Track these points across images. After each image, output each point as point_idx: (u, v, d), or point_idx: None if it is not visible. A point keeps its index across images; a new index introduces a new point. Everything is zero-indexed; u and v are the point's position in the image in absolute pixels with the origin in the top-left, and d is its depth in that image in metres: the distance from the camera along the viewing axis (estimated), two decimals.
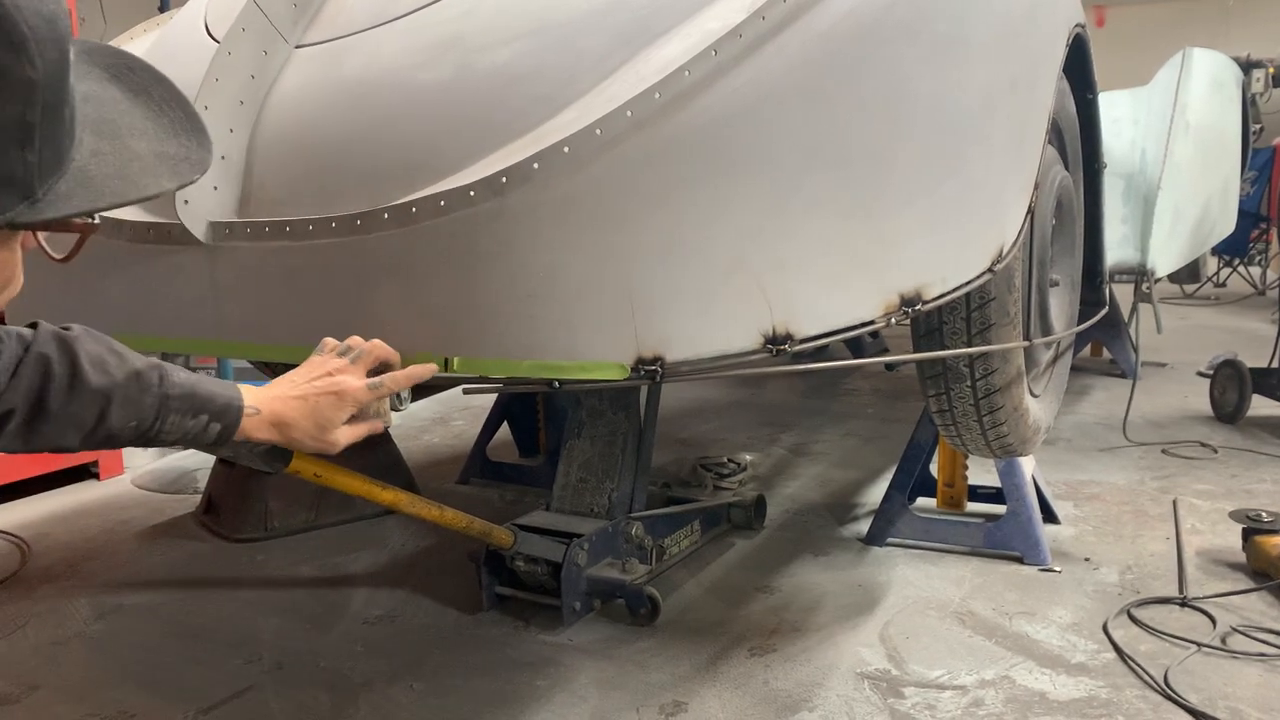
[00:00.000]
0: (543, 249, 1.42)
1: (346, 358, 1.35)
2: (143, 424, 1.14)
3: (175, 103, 0.76)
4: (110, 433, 1.12)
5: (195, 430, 1.19)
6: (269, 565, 2.82)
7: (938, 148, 1.65)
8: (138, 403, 1.13)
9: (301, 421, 1.28)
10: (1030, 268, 2.25)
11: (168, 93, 0.76)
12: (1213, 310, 7.97)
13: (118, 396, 1.11)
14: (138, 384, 1.13)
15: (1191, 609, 2.31)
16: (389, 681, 2.10)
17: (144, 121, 0.72)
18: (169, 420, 1.15)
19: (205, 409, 1.19)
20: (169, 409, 1.15)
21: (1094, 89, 2.71)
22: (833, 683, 2.03)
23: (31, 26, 0.58)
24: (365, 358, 1.36)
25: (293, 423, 1.27)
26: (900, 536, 2.77)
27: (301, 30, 1.72)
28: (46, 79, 0.60)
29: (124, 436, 1.14)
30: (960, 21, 1.69)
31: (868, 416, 4.45)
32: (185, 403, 1.17)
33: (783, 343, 1.50)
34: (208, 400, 1.19)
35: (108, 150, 0.67)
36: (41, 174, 0.62)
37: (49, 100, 0.61)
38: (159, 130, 0.73)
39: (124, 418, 1.12)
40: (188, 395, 1.17)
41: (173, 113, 0.75)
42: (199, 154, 0.74)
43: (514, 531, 2.30)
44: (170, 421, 1.16)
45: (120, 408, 1.11)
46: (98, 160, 0.66)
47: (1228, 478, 3.34)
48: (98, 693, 2.09)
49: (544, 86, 1.45)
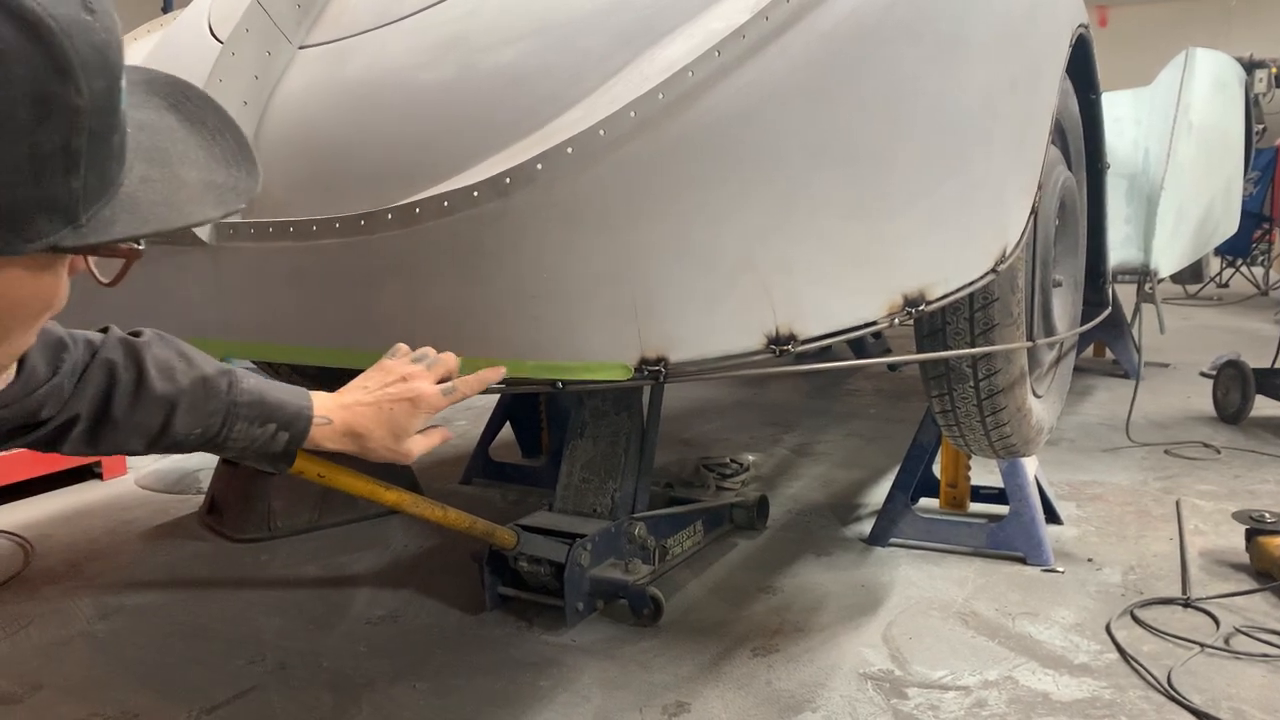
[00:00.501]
0: (546, 249, 1.42)
1: (421, 364, 1.32)
2: (208, 431, 1.12)
3: (228, 131, 0.76)
4: (175, 439, 1.11)
5: (263, 439, 1.17)
6: (272, 565, 2.82)
7: (941, 148, 1.65)
8: (203, 410, 1.11)
9: (376, 430, 1.25)
10: (1033, 268, 2.25)
11: (221, 121, 0.77)
12: (1215, 310, 7.97)
13: (183, 403, 1.10)
14: (204, 390, 1.12)
15: (1195, 610, 2.31)
16: (392, 681, 2.10)
17: (196, 150, 0.73)
18: (236, 428, 1.14)
19: (273, 417, 1.16)
20: (236, 416, 1.13)
21: (1097, 89, 2.71)
22: (836, 683, 2.03)
23: (80, 54, 0.58)
24: (438, 366, 1.33)
25: (367, 432, 1.24)
26: (903, 537, 2.77)
27: (305, 31, 1.72)
28: (93, 107, 0.60)
29: (190, 443, 1.13)
30: (962, 22, 1.69)
31: (870, 417, 4.45)
32: (253, 410, 1.15)
33: (786, 343, 1.50)
34: (276, 408, 1.17)
35: (157, 177, 0.68)
36: (86, 200, 0.62)
37: (95, 127, 0.61)
38: (210, 159, 0.73)
39: (189, 425, 1.11)
40: (255, 403, 1.15)
41: (225, 141, 0.75)
42: (246, 183, 0.74)
43: (517, 532, 2.30)
44: (237, 429, 1.14)
45: (185, 415, 1.10)
46: (146, 187, 0.66)
47: (1231, 478, 3.34)
48: (101, 692, 2.10)
49: (547, 87, 1.45)
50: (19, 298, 0.65)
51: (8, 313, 0.65)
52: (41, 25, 0.56)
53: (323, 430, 1.22)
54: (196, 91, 0.78)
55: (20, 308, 0.66)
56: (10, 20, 0.55)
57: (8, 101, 0.56)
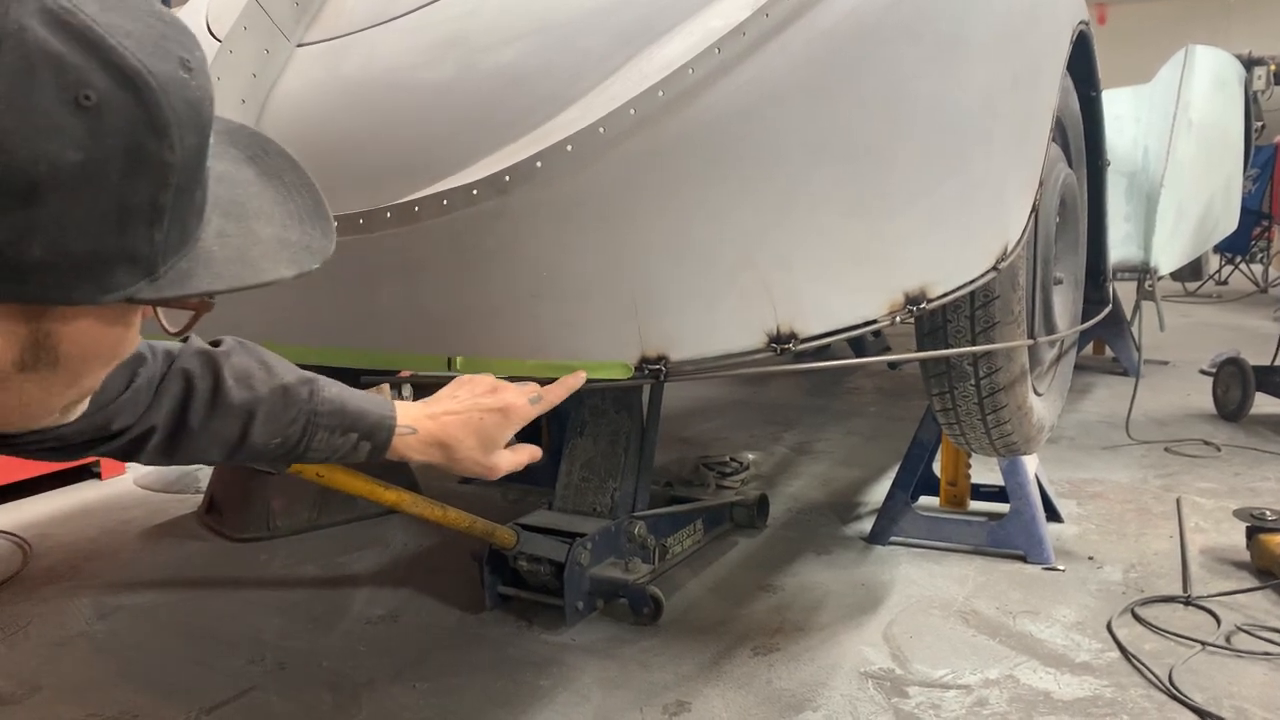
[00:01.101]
0: (546, 248, 1.42)
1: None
2: (288, 441, 1.11)
3: (305, 189, 0.76)
4: (254, 449, 1.09)
5: (344, 449, 1.15)
6: (271, 565, 2.82)
7: (941, 146, 1.65)
8: (283, 419, 1.10)
9: (466, 440, 1.22)
10: (1034, 266, 2.25)
11: (299, 179, 0.77)
12: (1215, 308, 7.97)
13: (261, 412, 1.08)
14: (284, 399, 1.10)
15: (1196, 608, 2.30)
16: (391, 681, 2.10)
17: (272, 206, 0.73)
18: (316, 437, 1.12)
19: (355, 427, 1.14)
20: (317, 426, 1.11)
21: (1097, 86, 2.70)
22: (836, 682, 2.02)
23: (176, 112, 0.59)
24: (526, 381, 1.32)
25: (456, 442, 1.22)
26: (903, 535, 2.77)
27: (303, 29, 1.71)
28: (183, 163, 0.61)
29: (269, 453, 1.11)
30: (963, 20, 1.68)
31: (870, 415, 4.45)
32: (334, 419, 1.12)
33: (787, 342, 1.50)
34: (358, 417, 1.15)
35: (233, 233, 0.68)
36: (166, 253, 0.62)
37: (182, 183, 0.61)
38: (285, 216, 0.73)
39: (268, 434, 1.09)
40: (336, 411, 1.13)
41: (301, 199, 0.75)
42: (321, 243, 0.74)
43: (516, 531, 2.29)
44: (318, 439, 1.12)
45: (264, 424, 1.08)
46: (222, 242, 0.67)
47: (1231, 476, 3.34)
48: (100, 693, 2.09)
49: (547, 85, 1.45)
50: (91, 346, 0.66)
51: (79, 360, 0.66)
52: (141, 80, 0.57)
53: (407, 440, 1.19)
54: (275, 146, 0.78)
55: (92, 356, 0.67)
56: (112, 74, 0.56)
57: (102, 154, 0.56)
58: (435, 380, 1.44)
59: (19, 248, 0.55)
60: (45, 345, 0.62)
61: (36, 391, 0.65)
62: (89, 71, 0.55)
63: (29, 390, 0.65)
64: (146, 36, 0.58)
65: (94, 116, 0.55)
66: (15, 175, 0.54)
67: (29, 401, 0.66)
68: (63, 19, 0.55)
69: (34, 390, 0.65)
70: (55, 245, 0.56)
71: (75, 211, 0.56)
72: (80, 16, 0.55)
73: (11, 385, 0.63)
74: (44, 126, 0.54)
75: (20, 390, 0.64)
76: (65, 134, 0.55)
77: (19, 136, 0.54)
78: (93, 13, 0.56)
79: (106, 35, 0.56)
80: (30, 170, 0.54)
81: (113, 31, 0.56)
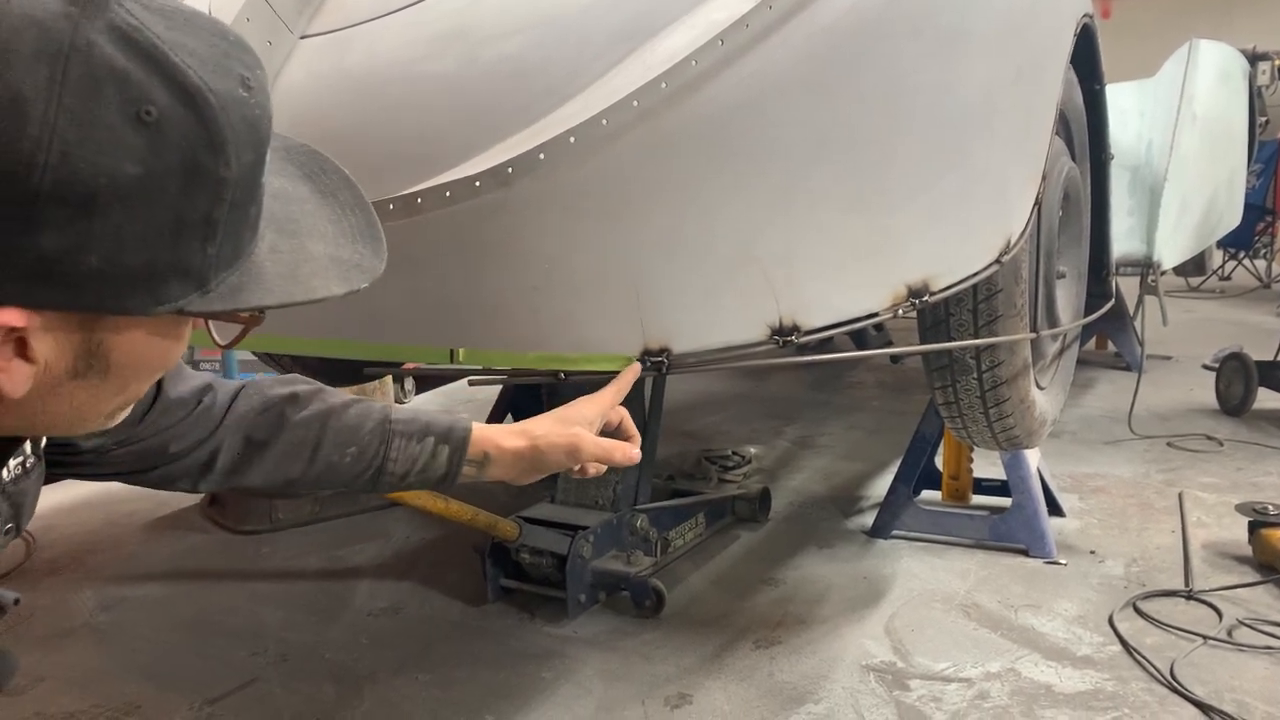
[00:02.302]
0: (549, 240, 1.42)
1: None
2: (364, 450, 1.09)
3: (359, 208, 0.77)
4: (329, 461, 1.08)
5: (423, 457, 1.12)
6: (274, 557, 2.82)
7: (944, 140, 1.65)
8: (358, 429, 1.09)
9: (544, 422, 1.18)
10: (1037, 259, 2.24)
11: (354, 197, 0.77)
12: (1218, 303, 7.96)
13: (333, 420, 1.08)
14: (356, 408, 1.10)
15: (1197, 602, 2.30)
16: (394, 673, 2.10)
17: (326, 224, 0.74)
18: (393, 445, 1.10)
19: (430, 431, 1.12)
20: (392, 433, 1.10)
21: (1101, 80, 2.69)
22: (838, 675, 2.03)
23: (234, 129, 0.60)
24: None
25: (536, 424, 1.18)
26: (905, 529, 2.77)
27: (306, 20, 1.71)
28: (239, 180, 0.62)
29: (344, 468, 1.09)
30: (965, 14, 1.68)
31: (872, 409, 4.45)
32: (409, 426, 1.11)
33: (789, 334, 1.50)
34: (431, 423, 1.13)
35: (285, 249, 0.69)
36: (218, 266, 0.63)
37: (237, 199, 0.62)
38: (338, 234, 0.74)
39: (342, 442, 1.08)
40: (410, 420, 1.12)
41: (354, 218, 0.76)
42: (371, 262, 0.74)
43: (519, 524, 2.30)
44: (395, 447, 1.10)
45: (337, 431, 1.08)
46: (274, 258, 0.68)
47: (1233, 471, 3.33)
48: (104, 684, 2.10)
49: (550, 77, 1.45)
50: (141, 356, 0.67)
51: (129, 368, 0.66)
52: (201, 98, 0.59)
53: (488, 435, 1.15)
54: (332, 165, 0.79)
55: (142, 366, 0.68)
56: (173, 90, 0.57)
57: (161, 169, 0.58)
58: (438, 373, 1.44)
59: (77, 258, 0.57)
60: (98, 354, 0.64)
61: (86, 398, 0.66)
62: (151, 88, 0.57)
63: (79, 396, 0.66)
64: (210, 55, 0.60)
65: (154, 132, 0.57)
66: (76, 187, 0.55)
67: (79, 407, 0.67)
68: (130, 36, 0.56)
69: (83, 396, 0.66)
70: (111, 256, 0.58)
71: (132, 224, 0.57)
72: (147, 34, 0.57)
73: (63, 392, 0.64)
74: (106, 141, 0.55)
75: (71, 396, 0.65)
76: (126, 148, 0.56)
77: (82, 150, 0.55)
78: (159, 30, 0.58)
79: (170, 53, 0.58)
80: (91, 183, 0.55)
81: (177, 49, 0.58)
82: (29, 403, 0.63)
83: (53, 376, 0.62)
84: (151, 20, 0.58)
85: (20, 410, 0.64)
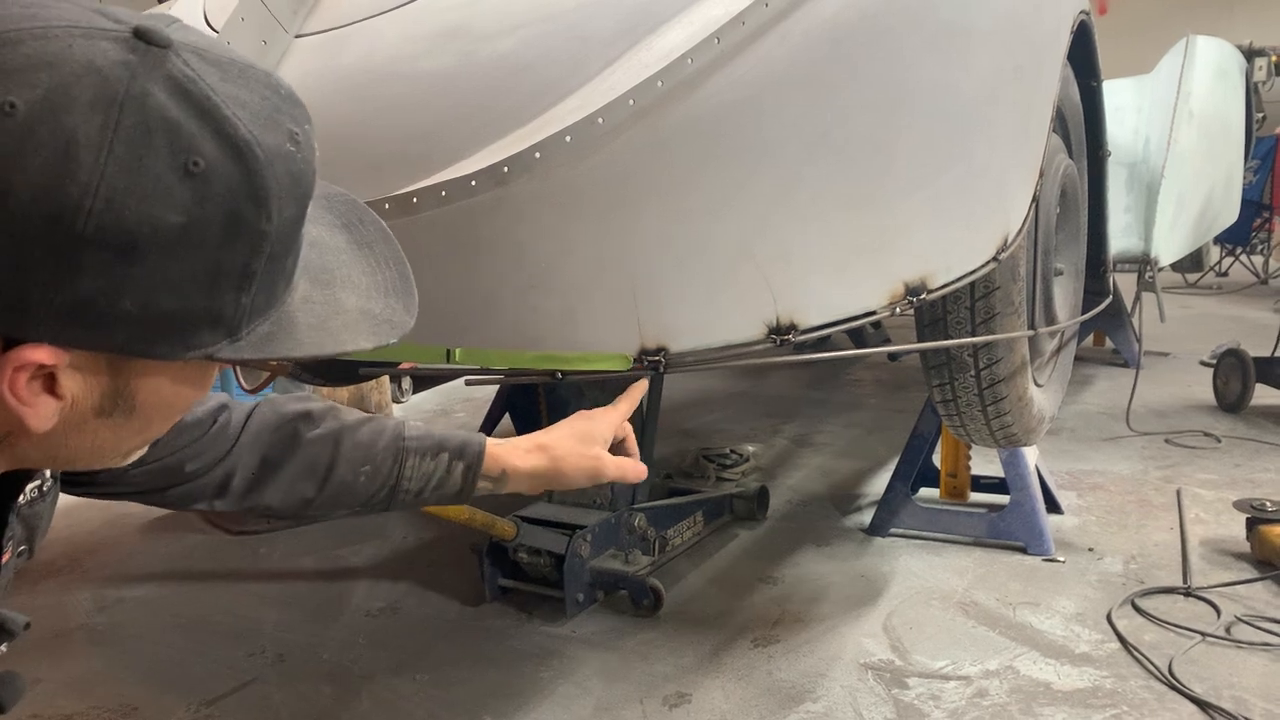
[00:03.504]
0: (545, 239, 1.41)
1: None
2: (379, 469, 1.08)
3: (394, 262, 0.77)
4: (343, 480, 1.07)
5: (438, 473, 1.11)
6: (271, 558, 2.82)
7: (941, 136, 1.64)
8: (370, 447, 1.08)
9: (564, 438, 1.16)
10: (1035, 256, 2.24)
11: (390, 250, 0.77)
12: (1215, 299, 7.96)
13: (348, 439, 1.07)
14: (370, 425, 1.09)
15: (1196, 599, 2.30)
16: (392, 673, 2.10)
17: (360, 275, 0.73)
18: (408, 464, 1.09)
19: (444, 447, 1.11)
20: (406, 451, 1.09)
21: (1098, 76, 2.69)
22: (836, 673, 2.03)
23: (279, 183, 0.61)
24: None
25: (555, 442, 1.16)
26: (903, 527, 2.77)
27: (301, 20, 1.70)
28: (279, 233, 0.62)
29: (359, 485, 1.08)
30: (963, 9, 1.68)
31: (870, 407, 4.45)
32: (422, 443, 1.10)
33: (786, 333, 1.50)
34: (444, 439, 1.12)
35: (318, 300, 0.69)
36: (251, 315, 0.63)
37: (276, 251, 0.63)
38: (371, 286, 0.73)
39: (356, 460, 1.07)
40: (423, 436, 1.11)
41: (388, 271, 0.76)
42: (402, 318, 0.73)
43: (517, 523, 2.29)
44: (409, 465, 1.09)
45: (351, 450, 1.07)
46: (305, 308, 0.68)
47: (1231, 467, 3.34)
48: (101, 685, 2.09)
49: (546, 75, 1.44)
50: (167, 399, 0.67)
51: (154, 410, 0.67)
52: (249, 151, 0.59)
53: (503, 451, 1.14)
54: (371, 216, 0.79)
55: (167, 408, 0.68)
56: (221, 142, 0.58)
57: (204, 219, 0.58)
58: (435, 373, 1.43)
59: (112, 301, 0.57)
60: (124, 394, 0.64)
61: (109, 435, 0.67)
62: (201, 139, 0.57)
63: (102, 434, 0.66)
64: (261, 109, 0.60)
65: (200, 183, 0.57)
66: (120, 234, 0.55)
67: (100, 444, 0.67)
68: (184, 87, 0.57)
69: (106, 434, 0.66)
70: (146, 302, 0.58)
71: (170, 271, 0.58)
72: (201, 85, 0.57)
73: (88, 429, 0.65)
74: (152, 190, 0.56)
75: (95, 434, 0.66)
76: (171, 198, 0.56)
77: (128, 197, 0.55)
78: (213, 82, 0.58)
79: (222, 105, 0.58)
80: (134, 230, 0.55)
81: (228, 102, 0.58)
82: (52, 437, 0.63)
83: (79, 414, 0.63)
84: (207, 71, 0.58)
85: (43, 444, 0.64)
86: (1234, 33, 4.96)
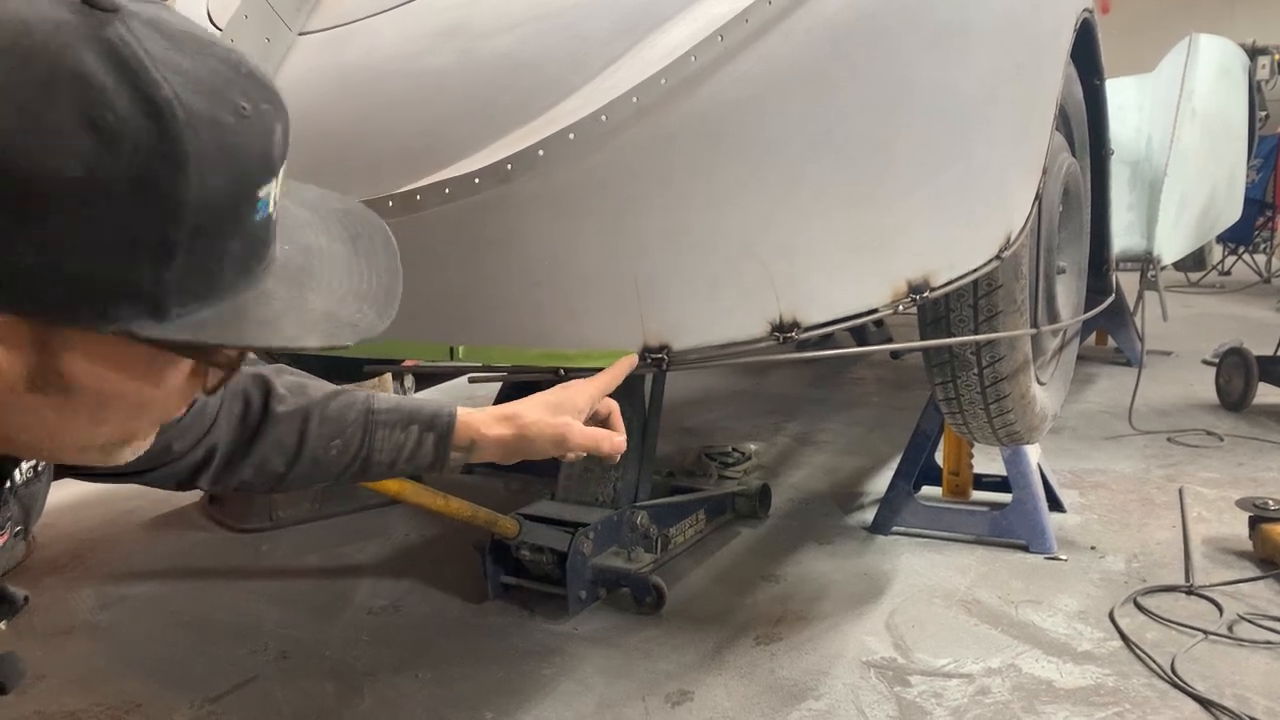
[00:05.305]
0: (548, 236, 1.41)
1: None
2: (349, 443, 1.09)
3: (386, 271, 0.76)
4: (315, 457, 1.08)
5: (409, 446, 1.12)
6: (274, 555, 2.82)
7: (944, 134, 1.64)
8: (340, 419, 1.09)
9: (533, 407, 1.16)
10: (1037, 255, 2.24)
11: (387, 261, 0.76)
12: (1218, 298, 7.96)
13: (316, 414, 1.08)
14: (338, 400, 1.10)
15: (1198, 597, 2.30)
16: (394, 671, 2.10)
17: (344, 279, 0.72)
18: (378, 436, 1.10)
19: (414, 419, 1.12)
20: (375, 423, 1.10)
21: (1101, 74, 2.69)
22: (839, 671, 2.03)
23: (201, 150, 0.58)
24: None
25: (523, 410, 1.16)
26: (905, 525, 2.77)
27: (305, 17, 1.70)
28: (203, 204, 0.59)
29: (331, 461, 1.09)
30: (965, 7, 1.68)
31: (872, 405, 4.45)
32: (391, 415, 1.11)
33: (789, 330, 1.50)
34: (415, 411, 1.13)
35: (279, 297, 0.67)
36: (181, 296, 0.61)
37: (204, 225, 0.60)
38: (350, 292, 0.72)
39: (326, 435, 1.08)
40: (393, 409, 1.11)
41: (376, 279, 0.75)
42: (370, 322, 0.72)
43: (519, 521, 2.29)
44: (379, 437, 1.10)
45: (320, 425, 1.08)
46: (261, 303, 0.66)
47: (1234, 466, 3.33)
48: (104, 683, 2.10)
49: (549, 73, 1.44)
50: (110, 386, 0.65)
51: (95, 395, 0.65)
52: (167, 110, 0.57)
53: (473, 420, 1.14)
54: (381, 229, 0.78)
55: (111, 396, 0.66)
56: (137, 99, 0.56)
57: (107, 175, 0.56)
58: (438, 370, 1.43)
59: (9, 257, 0.55)
60: (52, 368, 0.62)
61: (56, 420, 0.65)
62: (115, 95, 0.55)
63: (48, 417, 0.65)
64: (204, 79, 0.58)
65: (106, 137, 0.55)
66: (14, 182, 0.54)
67: (53, 431, 0.66)
68: (116, 49, 0.56)
69: (53, 418, 0.65)
70: (52, 261, 0.56)
71: (72, 229, 0.56)
72: (134, 48, 0.56)
73: (25, 405, 0.63)
74: (51, 139, 0.54)
75: (37, 413, 0.64)
76: (71, 149, 0.55)
77: (24, 145, 0.54)
78: (152, 48, 0.57)
79: (151, 68, 0.56)
80: (30, 178, 0.54)
81: (160, 65, 0.57)
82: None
83: (6, 383, 0.61)
84: (151, 39, 0.57)
85: None
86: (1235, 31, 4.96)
